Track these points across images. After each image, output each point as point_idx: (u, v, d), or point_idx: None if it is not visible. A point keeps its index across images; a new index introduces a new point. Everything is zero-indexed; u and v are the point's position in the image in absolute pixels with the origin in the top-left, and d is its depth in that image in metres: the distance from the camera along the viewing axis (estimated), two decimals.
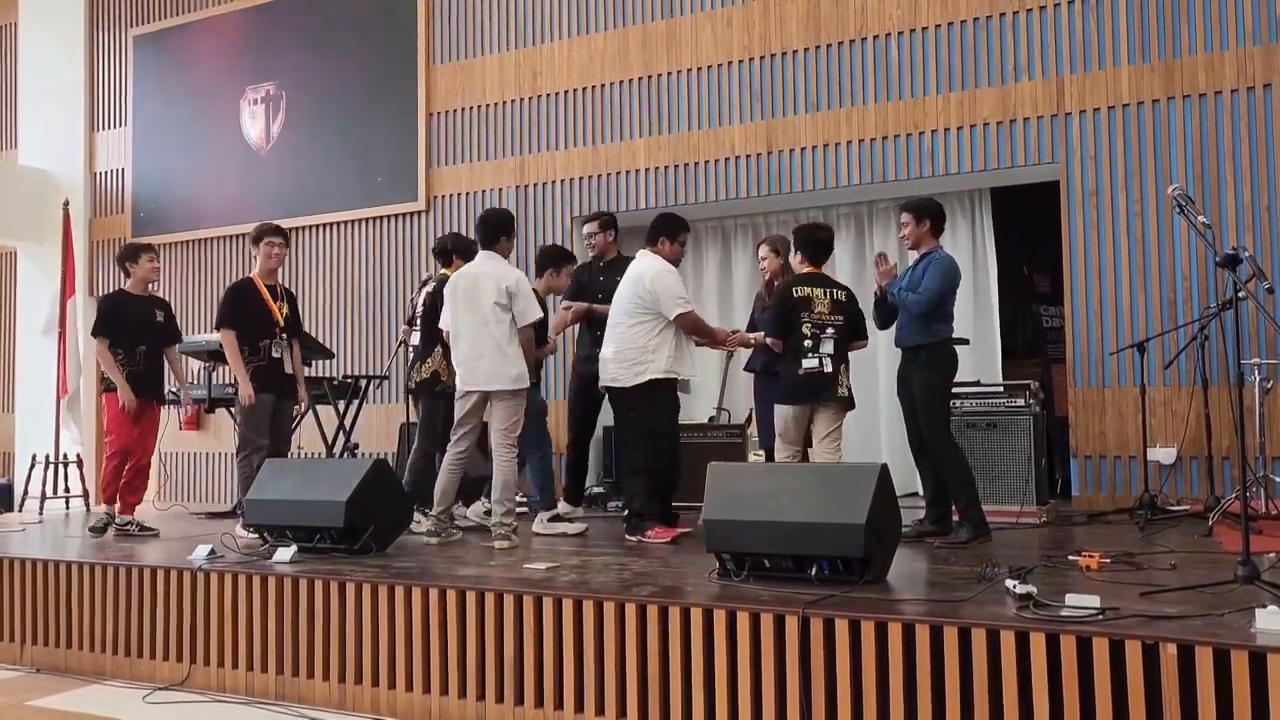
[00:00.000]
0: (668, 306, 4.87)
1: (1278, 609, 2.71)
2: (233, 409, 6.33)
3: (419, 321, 5.54)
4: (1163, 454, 5.89)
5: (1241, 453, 3.69)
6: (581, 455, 5.94)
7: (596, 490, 6.85)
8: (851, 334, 4.89)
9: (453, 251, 5.63)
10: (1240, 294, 3.50)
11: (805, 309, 4.77)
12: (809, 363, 4.73)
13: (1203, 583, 3.26)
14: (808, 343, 4.75)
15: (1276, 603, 2.84)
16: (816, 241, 4.98)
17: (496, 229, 4.97)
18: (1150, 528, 4.94)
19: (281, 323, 5.55)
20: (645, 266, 4.99)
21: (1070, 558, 3.94)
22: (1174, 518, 5.23)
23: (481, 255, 5.01)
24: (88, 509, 7.72)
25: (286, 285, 5.99)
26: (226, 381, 7.10)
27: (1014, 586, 3.13)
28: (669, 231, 5.12)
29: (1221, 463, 5.73)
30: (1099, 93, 6.23)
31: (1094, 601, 2.92)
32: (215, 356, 6.89)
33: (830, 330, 4.76)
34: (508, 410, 4.81)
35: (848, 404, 4.85)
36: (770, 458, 5.24)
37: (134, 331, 5.73)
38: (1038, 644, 2.77)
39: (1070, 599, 2.97)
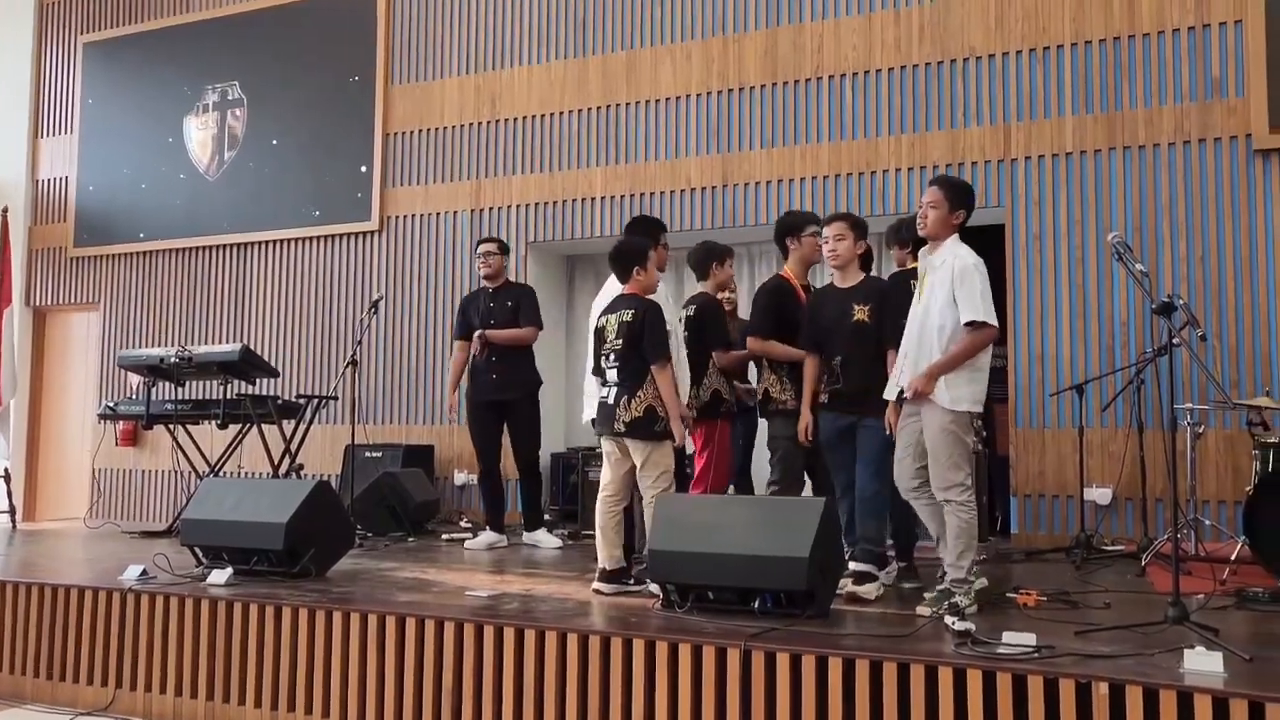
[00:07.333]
0: None
1: (1205, 650, 2.78)
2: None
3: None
4: (1099, 494, 6.02)
5: (1174, 495, 3.79)
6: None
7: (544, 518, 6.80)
8: (635, 355, 4.22)
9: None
10: (1175, 341, 3.61)
11: (601, 341, 4.38)
12: (603, 392, 4.35)
13: (1135, 622, 3.33)
14: (603, 375, 4.36)
15: (1204, 643, 2.91)
16: (620, 255, 4.40)
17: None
18: (1086, 567, 5.03)
19: None
20: None
21: (1009, 595, 4.00)
22: (1109, 557, 5.34)
23: None
24: (14, 526, 7.46)
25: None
26: (165, 397, 6.95)
27: (953, 623, 3.17)
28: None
29: (1155, 504, 5.87)
30: (1044, 140, 6.41)
31: (1030, 640, 2.97)
32: (155, 371, 6.74)
33: (612, 357, 4.28)
34: None
35: (643, 435, 4.16)
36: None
37: None
38: (974, 681, 2.81)
39: (1007, 637, 3.01)
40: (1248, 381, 5.83)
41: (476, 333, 5.86)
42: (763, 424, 4.86)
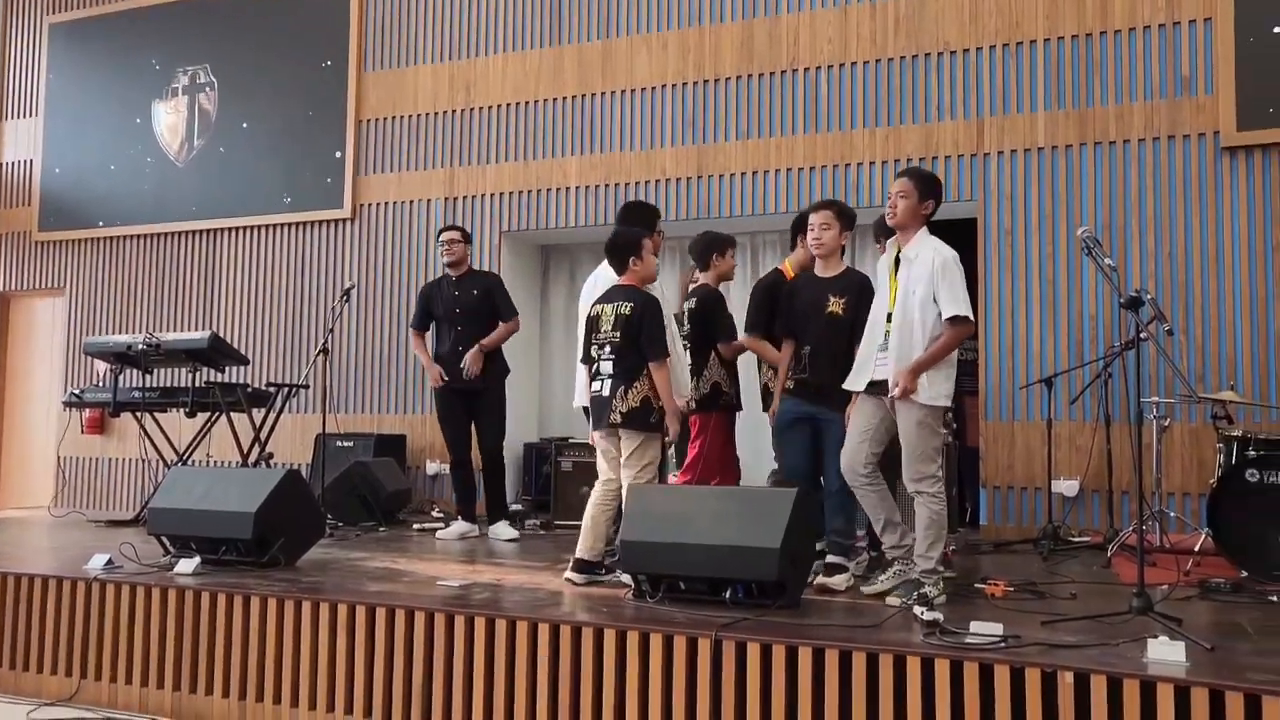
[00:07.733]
0: None
1: (1168, 639, 2.83)
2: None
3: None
4: (1066, 486, 6.10)
5: (1139, 488, 3.85)
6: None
7: (515, 507, 6.79)
8: (632, 350, 4.18)
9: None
10: (1142, 335, 3.65)
11: (593, 330, 4.33)
12: (595, 385, 4.29)
13: (1100, 613, 3.38)
14: (595, 366, 4.31)
15: (1167, 633, 2.96)
16: (615, 247, 4.34)
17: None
18: (1053, 558, 5.10)
19: None
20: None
21: (977, 585, 4.05)
22: (1075, 549, 5.41)
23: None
24: None
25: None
26: (133, 385, 6.85)
27: (921, 613, 3.20)
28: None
29: (1121, 497, 5.95)
30: (1016, 135, 6.46)
31: (997, 629, 3.01)
32: (122, 358, 6.64)
33: (608, 349, 4.24)
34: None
35: (637, 425, 4.15)
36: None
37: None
38: (942, 670, 2.83)
39: (975, 626, 3.04)
40: (1213, 376, 5.92)
41: (472, 352, 5.76)
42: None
